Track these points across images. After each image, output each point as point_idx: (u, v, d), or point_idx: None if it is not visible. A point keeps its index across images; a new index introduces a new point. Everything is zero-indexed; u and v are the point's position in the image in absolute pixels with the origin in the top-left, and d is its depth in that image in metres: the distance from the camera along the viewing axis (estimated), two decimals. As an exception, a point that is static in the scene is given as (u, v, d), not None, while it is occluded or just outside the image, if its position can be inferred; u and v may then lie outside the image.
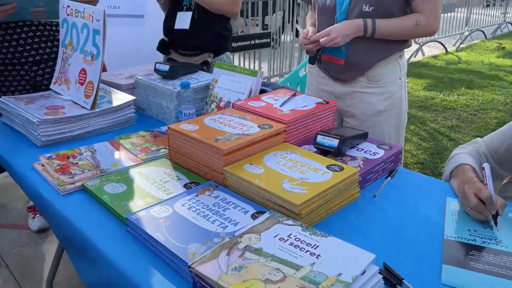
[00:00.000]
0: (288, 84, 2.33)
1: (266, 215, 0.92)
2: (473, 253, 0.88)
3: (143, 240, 0.92)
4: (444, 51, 6.79)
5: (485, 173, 0.99)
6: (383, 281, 0.77)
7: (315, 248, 0.80)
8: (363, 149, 1.27)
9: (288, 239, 0.83)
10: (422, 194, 1.14)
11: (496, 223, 0.96)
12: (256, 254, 0.78)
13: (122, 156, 1.29)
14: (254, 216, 0.95)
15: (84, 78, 1.57)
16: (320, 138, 1.23)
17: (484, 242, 0.91)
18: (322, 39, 1.47)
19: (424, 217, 1.03)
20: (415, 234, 0.96)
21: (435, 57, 6.50)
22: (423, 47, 6.59)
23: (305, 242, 0.82)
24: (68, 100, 1.59)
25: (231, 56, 2.22)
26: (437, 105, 4.27)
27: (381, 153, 1.25)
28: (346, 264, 0.75)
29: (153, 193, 1.07)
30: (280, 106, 1.37)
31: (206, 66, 2.04)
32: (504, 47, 7.04)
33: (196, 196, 1.04)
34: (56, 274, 1.85)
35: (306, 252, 0.79)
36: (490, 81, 5.08)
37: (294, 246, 0.81)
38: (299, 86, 3.30)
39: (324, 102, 1.39)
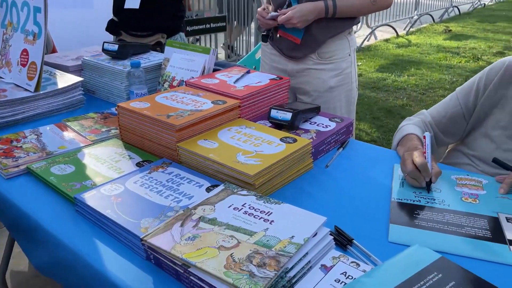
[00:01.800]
0: (245, 66, 2.32)
1: (221, 187, 0.92)
2: (417, 212, 0.92)
3: (94, 218, 0.89)
4: (395, 35, 7.01)
5: (425, 142, 1.04)
6: (334, 242, 0.80)
7: (268, 215, 0.81)
8: (315, 122, 1.30)
9: (242, 208, 0.83)
10: (372, 163, 1.18)
11: (429, 190, 1.01)
12: (210, 224, 0.79)
13: (70, 138, 1.24)
14: (208, 190, 0.95)
15: (26, 59, 1.48)
16: (274, 112, 1.24)
17: (428, 202, 0.96)
18: (281, 18, 1.48)
19: (373, 183, 1.07)
20: (364, 198, 1.00)
21: (386, 40, 6.70)
22: (375, 31, 6.78)
23: (259, 210, 0.83)
24: (10, 83, 1.50)
25: (185, 38, 2.17)
26: (389, 86, 4.42)
27: (332, 125, 1.28)
28: (299, 228, 0.77)
29: (103, 173, 1.04)
30: (234, 82, 1.37)
31: (159, 47, 1.99)
32: (450, 30, 7.38)
33: (149, 173, 1.02)
34: (8, 268, 1.77)
35: (260, 219, 0.80)
36: (438, 62, 5.32)
37: (248, 214, 0.81)
38: (255, 68, 3.30)
39: (277, 78, 1.40)
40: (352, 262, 0.75)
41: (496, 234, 0.85)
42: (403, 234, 0.85)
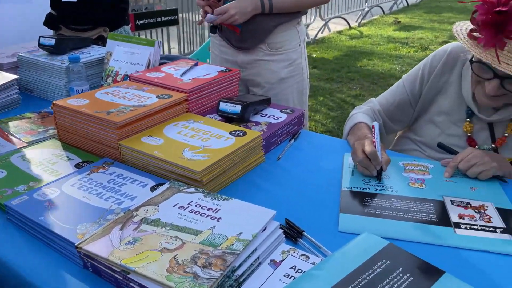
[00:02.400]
0: (198, 59, 2.26)
1: (166, 185, 0.87)
2: (367, 200, 0.92)
3: (26, 227, 0.82)
4: (347, 26, 7.15)
5: (374, 131, 1.04)
6: (284, 236, 0.78)
7: (216, 212, 0.78)
8: (266, 114, 1.27)
9: (188, 207, 0.79)
10: (324, 153, 1.17)
11: (379, 178, 1.01)
12: (153, 225, 0.74)
13: (2, 141, 1.14)
14: (153, 189, 0.90)
15: (-51, 57, 1.35)
16: (223, 105, 1.20)
17: (377, 189, 0.97)
18: (221, 16, 1.44)
19: (324, 173, 1.06)
20: (316, 189, 0.99)
21: (340, 32, 6.82)
22: (329, 24, 6.88)
23: (206, 207, 0.79)
24: None
25: (130, 31, 2.08)
26: (343, 77, 4.50)
27: (284, 117, 1.26)
28: (247, 223, 0.74)
29: (38, 177, 0.96)
30: (181, 75, 1.31)
31: (101, 42, 1.88)
32: (399, 21, 7.62)
33: (88, 174, 0.95)
34: None
35: (206, 217, 0.76)
36: (388, 53, 5.48)
37: (194, 213, 0.77)
38: (209, 62, 3.24)
39: (226, 70, 1.36)
40: (302, 255, 0.73)
41: (441, 217, 0.86)
42: (353, 223, 0.85)
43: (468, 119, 1.16)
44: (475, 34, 1.00)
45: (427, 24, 7.40)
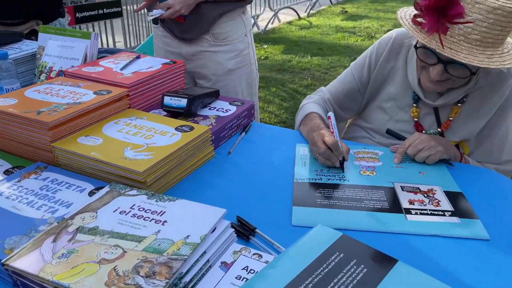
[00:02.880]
0: (144, 53, 2.15)
1: (105, 189, 0.80)
2: (319, 191, 0.90)
3: None
4: (297, 17, 7.19)
5: (330, 122, 1.02)
6: (236, 235, 0.74)
7: (161, 215, 0.72)
8: (215, 107, 1.22)
9: (130, 211, 0.73)
10: (275, 145, 1.14)
11: (343, 168, 1.00)
12: (90, 235, 0.67)
13: None
14: (92, 193, 0.82)
15: None
16: (167, 100, 1.14)
17: (329, 179, 0.95)
18: (166, 12, 1.37)
19: (277, 165, 1.03)
20: (268, 183, 0.96)
21: (289, 23, 6.84)
22: (278, 14, 6.88)
23: (150, 210, 0.73)
24: None
25: (66, 24, 1.94)
26: (294, 67, 4.52)
27: (233, 109, 1.21)
28: (195, 225, 0.69)
29: (-41, 187, 0.85)
30: (121, 69, 1.23)
31: (35, 36, 1.74)
32: (346, 11, 7.78)
33: (18, 181, 0.86)
34: None
35: (151, 221, 0.71)
36: (337, 42, 5.57)
37: (137, 217, 0.72)
38: (156, 56, 3.12)
39: (171, 63, 1.29)
40: (254, 254, 0.70)
41: (393, 204, 0.86)
42: (306, 216, 0.83)
43: (414, 104, 1.17)
44: (419, 19, 1.01)
45: (372, 13, 7.61)
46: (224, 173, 1.00)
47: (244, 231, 0.77)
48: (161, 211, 0.73)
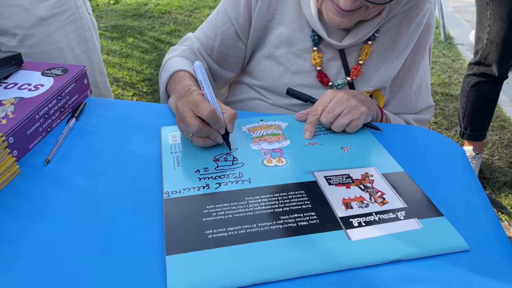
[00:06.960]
0: None
1: None
2: (208, 210, 0.54)
3: None
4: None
5: (196, 76, 0.66)
6: None
7: None
8: (15, 84, 0.74)
9: None
10: (130, 134, 0.73)
11: (229, 146, 0.67)
12: None
13: None
14: None
15: None
16: None
17: (220, 184, 0.59)
18: None
19: (133, 172, 0.63)
20: (121, 210, 0.56)
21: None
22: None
23: None
24: None
25: None
26: (152, 11, 3.89)
27: (48, 83, 0.75)
28: None
29: None
30: None
31: None
32: None
33: None
34: None
35: None
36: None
37: None
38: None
39: None
40: None
41: (322, 214, 0.55)
42: (187, 273, 0.46)
43: (315, 48, 0.86)
44: None
45: None
46: (38, 203, 0.57)
47: None
48: None
